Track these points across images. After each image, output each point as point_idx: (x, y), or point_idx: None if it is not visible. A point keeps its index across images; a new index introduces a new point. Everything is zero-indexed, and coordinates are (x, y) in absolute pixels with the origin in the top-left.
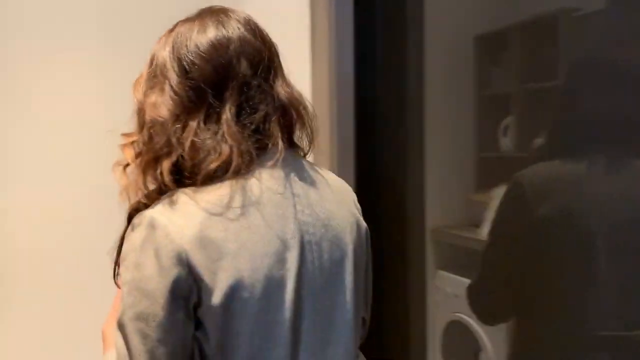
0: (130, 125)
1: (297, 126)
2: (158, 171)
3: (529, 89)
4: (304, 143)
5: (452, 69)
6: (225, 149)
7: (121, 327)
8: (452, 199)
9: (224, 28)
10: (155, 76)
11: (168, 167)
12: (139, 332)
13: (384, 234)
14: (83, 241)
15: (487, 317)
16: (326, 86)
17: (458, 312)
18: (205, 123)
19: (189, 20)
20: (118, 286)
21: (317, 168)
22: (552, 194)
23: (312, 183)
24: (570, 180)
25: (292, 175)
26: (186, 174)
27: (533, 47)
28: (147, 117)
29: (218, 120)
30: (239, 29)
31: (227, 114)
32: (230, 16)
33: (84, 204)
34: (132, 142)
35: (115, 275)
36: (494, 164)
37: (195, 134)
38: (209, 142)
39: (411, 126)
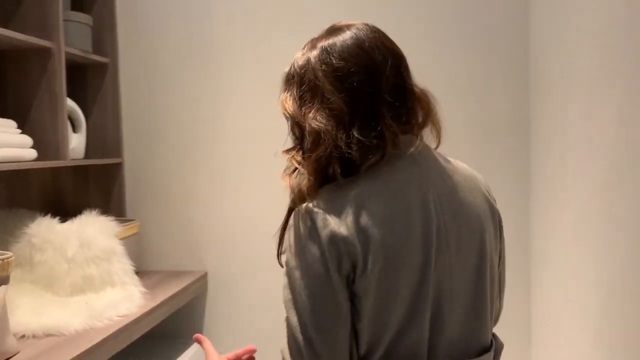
0: (289, 140)
1: (429, 119)
2: (330, 172)
3: None
4: (433, 134)
5: None
6: (385, 144)
7: (291, 294)
8: None
9: (364, 35)
10: (307, 90)
11: (339, 168)
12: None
13: None
14: None
15: None
16: None
17: None
18: (364, 121)
19: (327, 35)
20: (281, 265)
21: (449, 158)
22: None
23: (444, 173)
24: None
25: (428, 165)
26: (350, 166)
27: None
28: (310, 127)
29: (378, 118)
30: (374, 35)
31: (385, 111)
32: (360, 27)
33: None
34: (297, 151)
35: (279, 255)
36: None
37: (361, 134)
38: (371, 139)
39: None
